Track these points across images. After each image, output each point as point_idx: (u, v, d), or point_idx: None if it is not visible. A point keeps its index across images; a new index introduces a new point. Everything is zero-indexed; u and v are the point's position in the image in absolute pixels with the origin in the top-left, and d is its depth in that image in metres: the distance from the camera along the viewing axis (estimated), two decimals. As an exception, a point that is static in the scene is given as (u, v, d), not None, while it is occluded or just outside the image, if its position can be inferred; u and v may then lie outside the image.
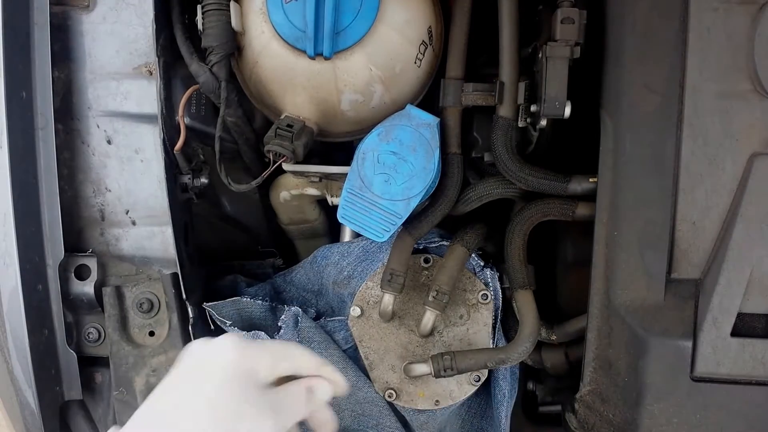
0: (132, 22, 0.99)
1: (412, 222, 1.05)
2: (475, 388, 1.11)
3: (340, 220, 0.99)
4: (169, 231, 1.00)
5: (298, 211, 1.31)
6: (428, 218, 1.05)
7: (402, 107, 0.99)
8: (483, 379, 1.10)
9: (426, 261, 1.13)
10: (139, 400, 1.00)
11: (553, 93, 0.91)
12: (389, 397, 1.11)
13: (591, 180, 0.97)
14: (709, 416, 0.86)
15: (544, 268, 1.14)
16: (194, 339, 1.01)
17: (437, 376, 1.04)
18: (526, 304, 1.05)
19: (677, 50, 0.84)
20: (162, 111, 0.98)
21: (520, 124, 1.01)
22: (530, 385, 1.26)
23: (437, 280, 1.05)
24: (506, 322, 1.15)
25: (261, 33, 0.92)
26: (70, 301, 1.01)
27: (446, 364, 1.02)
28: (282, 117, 0.97)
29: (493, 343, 1.12)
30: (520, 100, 0.99)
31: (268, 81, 0.96)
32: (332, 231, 1.42)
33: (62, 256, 0.98)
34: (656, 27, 0.85)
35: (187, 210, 1.10)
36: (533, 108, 0.97)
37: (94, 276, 1.00)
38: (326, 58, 0.88)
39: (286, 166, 1.01)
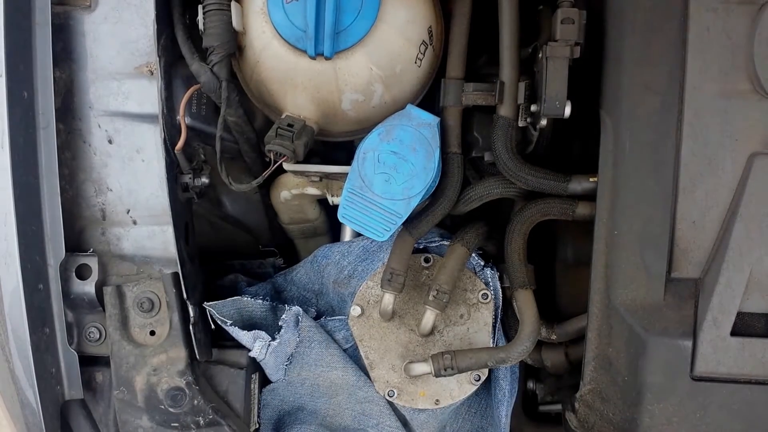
0: (133, 22, 0.99)
1: (412, 221, 1.06)
2: (475, 388, 1.11)
3: (340, 219, 0.99)
4: (169, 230, 1.00)
5: (299, 210, 1.31)
6: (428, 218, 1.05)
7: (402, 107, 0.99)
8: (483, 378, 1.11)
9: (426, 260, 1.13)
10: (139, 400, 1.00)
11: (554, 93, 0.91)
12: (389, 396, 1.11)
13: (591, 179, 0.97)
14: (709, 415, 0.86)
15: (544, 267, 1.14)
16: (195, 339, 1.02)
17: (437, 375, 1.04)
18: (526, 304, 1.05)
19: (677, 50, 0.84)
20: (163, 111, 0.98)
21: (521, 123, 1.01)
22: (530, 384, 1.26)
23: (437, 280, 1.05)
24: (506, 322, 1.15)
25: (262, 33, 0.92)
26: (71, 301, 1.01)
27: (447, 364, 1.03)
28: (283, 116, 0.97)
29: (494, 342, 1.12)
30: (521, 99, 0.99)
31: (269, 81, 0.96)
32: (333, 230, 1.42)
33: (63, 256, 0.98)
34: (656, 27, 0.86)
35: (187, 209, 1.10)
36: (533, 108, 0.97)
37: (94, 275, 1.00)
38: (327, 58, 0.88)
39: (286, 166, 1.01)
